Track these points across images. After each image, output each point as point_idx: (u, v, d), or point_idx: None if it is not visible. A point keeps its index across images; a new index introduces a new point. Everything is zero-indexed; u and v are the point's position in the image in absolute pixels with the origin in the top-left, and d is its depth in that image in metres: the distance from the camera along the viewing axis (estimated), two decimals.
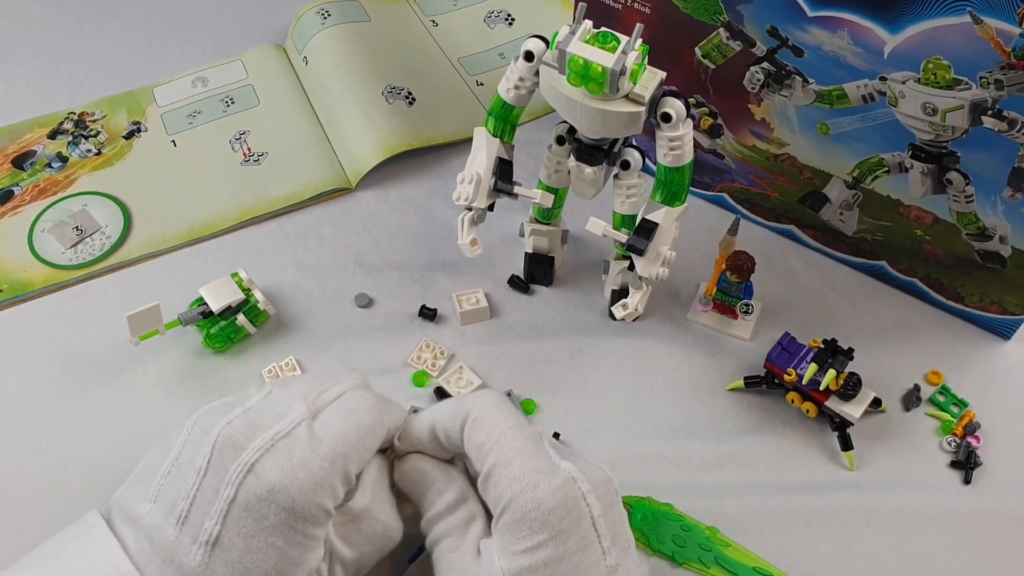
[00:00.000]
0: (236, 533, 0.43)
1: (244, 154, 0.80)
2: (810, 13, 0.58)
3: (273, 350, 0.67)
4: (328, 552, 0.47)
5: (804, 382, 0.60)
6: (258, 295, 0.67)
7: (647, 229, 0.58)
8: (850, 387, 0.59)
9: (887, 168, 0.63)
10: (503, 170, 0.61)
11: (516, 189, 0.61)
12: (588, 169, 0.60)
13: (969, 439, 0.62)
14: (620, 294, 0.66)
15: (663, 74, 0.55)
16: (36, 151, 0.80)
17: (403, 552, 0.54)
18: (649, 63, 0.54)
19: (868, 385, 0.60)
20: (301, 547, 0.44)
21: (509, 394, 0.64)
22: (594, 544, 0.45)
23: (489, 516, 0.48)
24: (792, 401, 0.62)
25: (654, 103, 0.55)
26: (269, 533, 0.43)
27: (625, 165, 0.60)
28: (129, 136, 0.81)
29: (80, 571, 0.44)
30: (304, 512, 0.44)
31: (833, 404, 0.60)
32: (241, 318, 0.66)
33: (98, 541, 0.44)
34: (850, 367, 0.60)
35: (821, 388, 0.59)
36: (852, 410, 0.60)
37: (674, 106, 0.55)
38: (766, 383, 0.63)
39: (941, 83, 0.56)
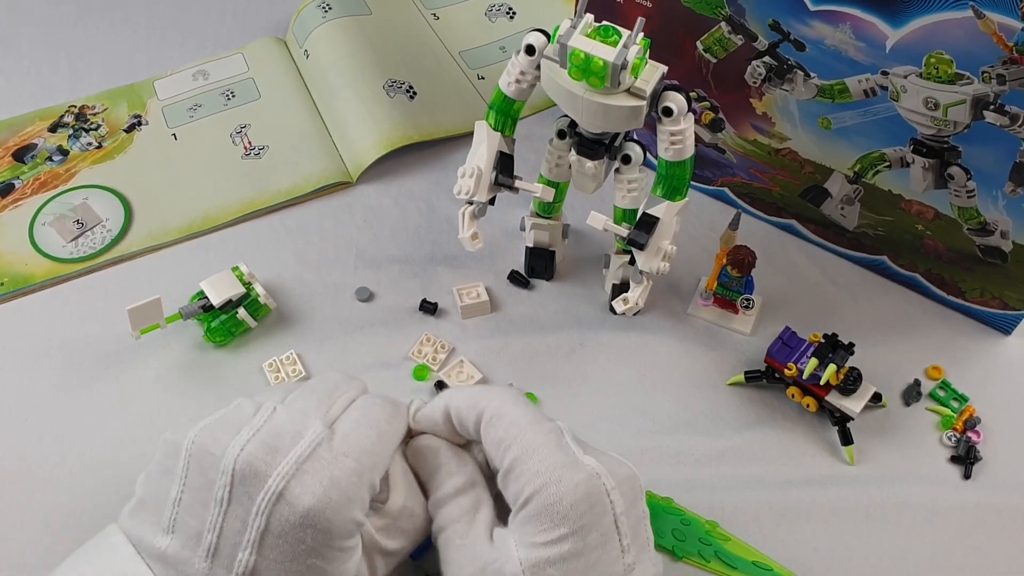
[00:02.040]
0: (273, 560, 0.42)
1: (245, 147, 0.80)
2: (812, 7, 0.58)
3: (274, 344, 0.67)
4: (369, 548, 0.46)
5: (805, 377, 0.60)
6: (259, 289, 0.67)
7: (648, 223, 0.58)
8: (850, 382, 0.59)
9: (888, 163, 0.63)
10: (504, 164, 0.61)
11: (517, 183, 0.61)
12: (589, 163, 0.60)
13: (969, 434, 0.62)
14: (621, 288, 0.66)
15: (664, 68, 0.54)
16: (37, 144, 0.80)
17: None
18: (650, 57, 0.54)
19: (868, 380, 0.61)
20: (339, 561, 0.44)
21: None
22: (614, 541, 0.45)
23: (501, 510, 0.48)
24: (792, 396, 0.62)
25: (655, 97, 0.55)
26: (308, 556, 0.43)
27: (626, 159, 0.60)
28: (130, 129, 0.81)
29: None
30: (340, 531, 0.43)
31: (833, 399, 0.60)
32: (242, 312, 0.66)
33: (130, 569, 0.44)
34: (850, 362, 0.60)
35: (821, 383, 0.59)
36: (852, 405, 0.60)
37: (675, 100, 0.54)
38: (766, 377, 0.63)
39: (943, 78, 0.56)
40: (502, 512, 0.48)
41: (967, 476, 0.60)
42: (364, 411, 0.48)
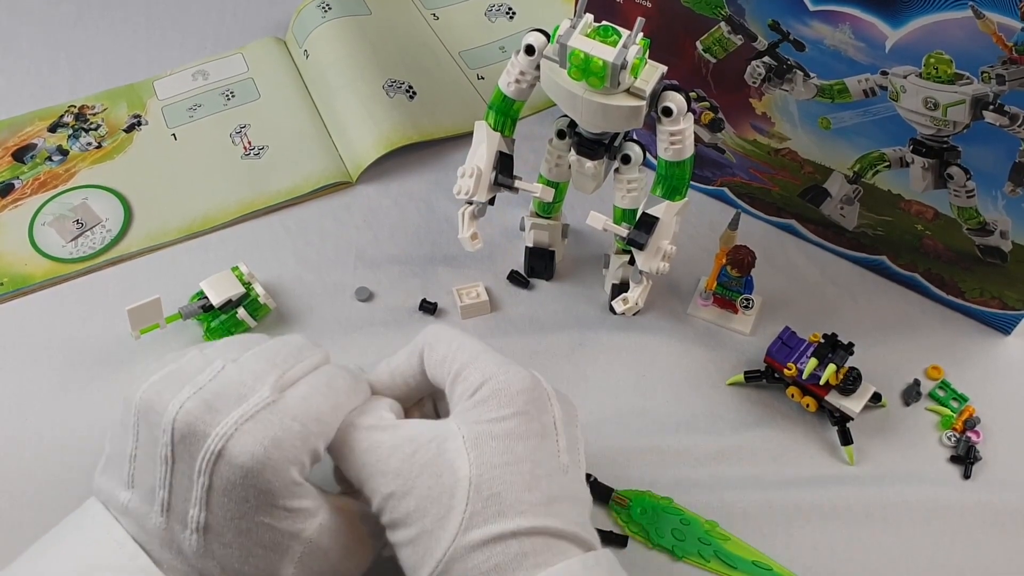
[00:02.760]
0: (222, 517, 0.43)
1: (244, 147, 0.80)
2: (812, 7, 0.58)
3: None
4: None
5: (804, 376, 0.60)
6: (258, 289, 0.67)
7: (648, 223, 0.58)
8: (850, 382, 0.59)
9: (888, 163, 0.63)
10: (504, 164, 0.61)
11: (517, 183, 0.61)
12: (589, 163, 0.60)
13: (969, 434, 0.62)
14: (620, 288, 0.66)
15: (664, 68, 0.54)
16: (36, 144, 0.80)
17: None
18: (650, 57, 0.54)
19: (868, 380, 0.61)
20: (290, 520, 0.44)
21: None
22: (552, 438, 0.46)
23: None
24: (792, 395, 0.62)
25: (655, 97, 0.55)
26: (255, 514, 0.43)
27: (626, 159, 0.60)
28: (129, 129, 0.81)
29: (89, 554, 0.44)
30: (281, 491, 0.44)
31: (833, 399, 0.60)
32: (241, 312, 0.66)
33: (102, 526, 0.45)
34: (850, 362, 0.60)
35: (821, 383, 0.59)
36: (852, 405, 0.60)
37: (675, 100, 0.54)
38: (766, 377, 0.63)
39: (943, 78, 0.56)
40: None
41: (967, 476, 0.60)
42: (325, 379, 0.48)
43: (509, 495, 0.43)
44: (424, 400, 0.54)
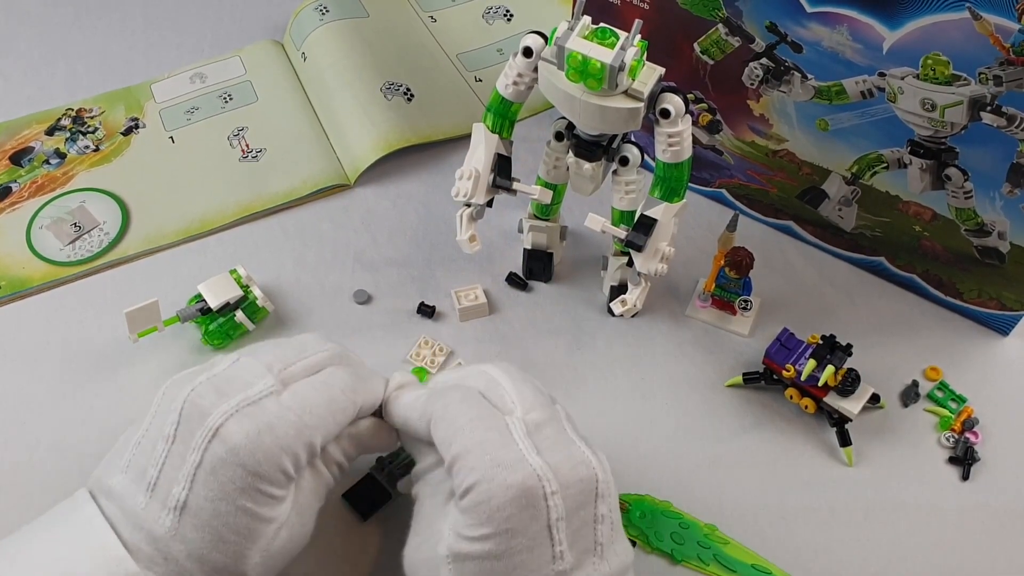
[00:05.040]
0: (204, 497, 0.44)
1: (242, 150, 0.79)
2: (809, 9, 0.58)
3: None
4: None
5: (803, 378, 0.60)
6: (256, 292, 0.67)
7: (646, 225, 0.58)
8: (848, 383, 0.59)
9: (886, 164, 0.63)
10: (502, 166, 0.61)
11: (515, 185, 0.61)
12: (587, 165, 0.60)
13: (967, 435, 0.62)
14: (619, 290, 0.66)
15: (662, 70, 0.54)
16: (34, 147, 0.80)
17: (338, 489, 0.58)
18: (648, 59, 0.54)
19: (866, 381, 0.61)
20: (268, 506, 0.45)
21: None
22: (544, 547, 0.44)
23: None
24: (791, 397, 0.62)
25: (653, 99, 0.55)
26: (237, 496, 0.44)
27: (624, 161, 0.60)
28: (127, 132, 0.81)
29: (65, 541, 0.45)
30: (268, 474, 0.45)
31: (832, 400, 0.60)
32: (239, 315, 0.66)
33: (83, 514, 0.46)
34: (848, 363, 0.60)
35: (820, 384, 0.59)
36: (851, 406, 0.60)
37: (673, 102, 0.54)
38: (765, 379, 0.63)
39: (940, 79, 0.56)
40: None
41: (965, 477, 0.60)
42: (324, 377, 0.50)
43: None
44: None
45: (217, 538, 0.44)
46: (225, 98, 0.84)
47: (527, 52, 0.56)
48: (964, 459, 0.61)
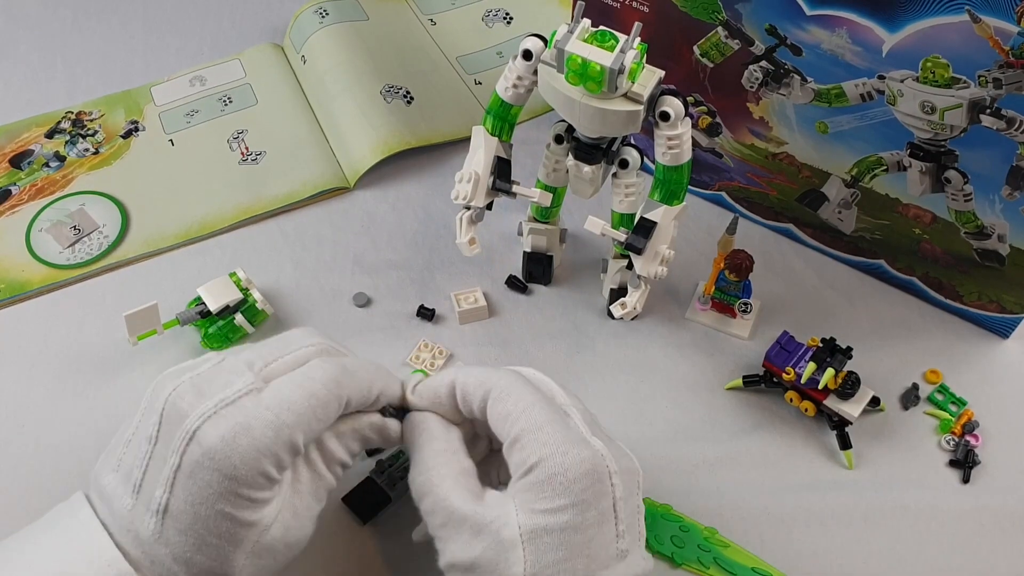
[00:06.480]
0: (184, 501, 0.43)
1: (242, 153, 0.80)
2: (808, 11, 0.58)
3: None
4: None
5: (803, 381, 0.60)
6: (256, 295, 0.67)
7: (646, 228, 0.58)
8: (848, 386, 0.59)
9: (885, 167, 0.63)
10: (501, 169, 0.61)
11: (514, 188, 0.61)
12: (586, 168, 0.60)
13: (967, 438, 0.62)
14: (619, 293, 0.66)
15: (661, 73, 0.55)
16: (34, 150, 0.80)
17: (337, 493, 0.57)
18: (647, 62, 0.54)
19: (867, 384, 0.60)
20: (250, 510, 0.44)
21: None
22: (611, 523, 0.45)
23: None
24: (791, 400, 0.62)
25: (652, 102, 0.55)
26: (216, 500, 0.43)
27: (623, 164, 0.60)
28: (127, 135, 0.81)
29: (61, 544, 0.45)
30: (247, 479, 0.43)
31: (832, 403, 0.60)
32: (239, 318, 0.66)
33: (79, 518, 0.45)
34: (848, 366, 0.60)
35: (820, 387, 0.59)
36: (851, 409, 0.60)
37: (672, 105, 0.54)
38: (765, 382, 0.63)
39: (940, 82, 0.56)
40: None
41: (966, 480, 0.60)
42: (305, 371, 0.48)
43: None
44: (479, 439, 0.53)
45: (200, 542, 0.44)
46: (225, 101, 0.84)
47: (527, 55, 0.56)
48: (964, 462, 0.61)
